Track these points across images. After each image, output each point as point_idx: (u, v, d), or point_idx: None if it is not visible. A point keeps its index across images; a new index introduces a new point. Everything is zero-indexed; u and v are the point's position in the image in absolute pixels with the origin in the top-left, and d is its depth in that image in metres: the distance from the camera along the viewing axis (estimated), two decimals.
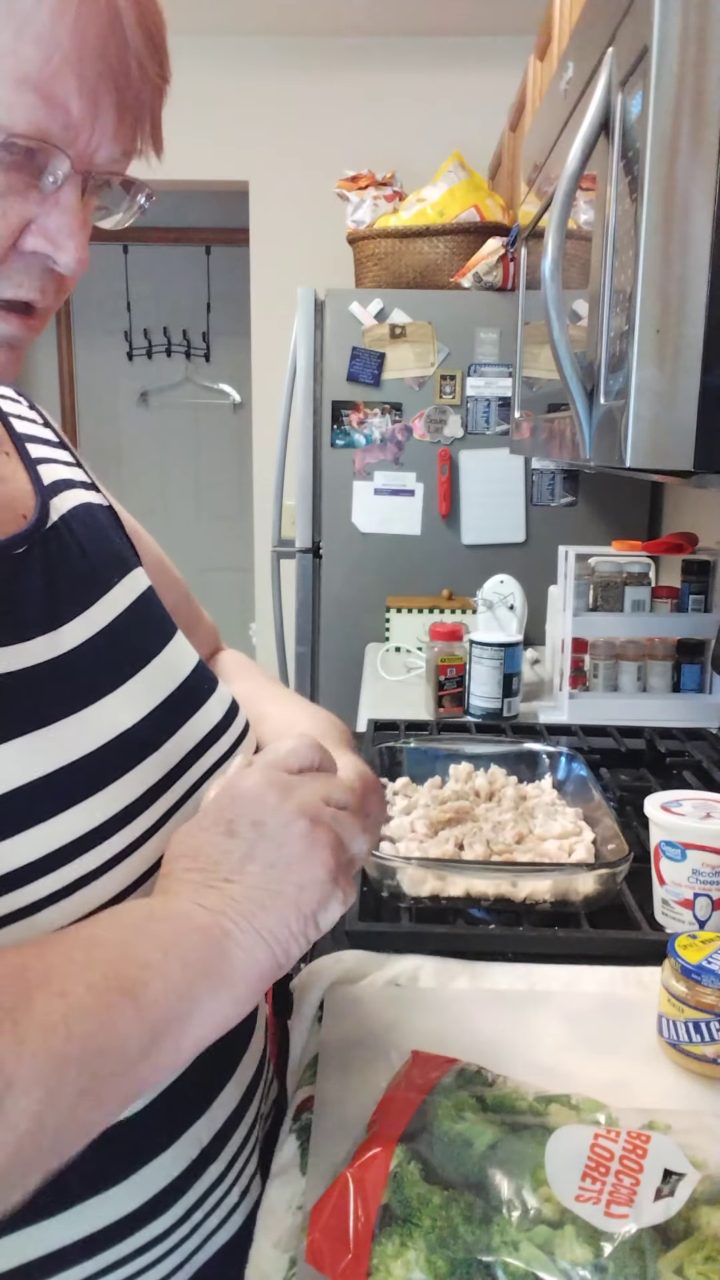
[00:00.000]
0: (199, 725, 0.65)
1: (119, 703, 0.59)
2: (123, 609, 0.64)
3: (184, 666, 0.67)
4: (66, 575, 0.60)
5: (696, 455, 0.77)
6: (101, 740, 0.56)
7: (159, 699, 0.62)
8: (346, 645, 2.45)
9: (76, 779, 0.54)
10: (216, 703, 0.68)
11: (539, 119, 1.33)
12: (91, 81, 0.46)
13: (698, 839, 0.90)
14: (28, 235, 0.48)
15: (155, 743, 0.60)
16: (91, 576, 0.63)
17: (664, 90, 0.73)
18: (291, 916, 0.51)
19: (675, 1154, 0.57)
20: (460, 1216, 0.54)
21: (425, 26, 3.03)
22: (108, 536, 0.68)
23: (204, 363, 4.24)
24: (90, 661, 0.58)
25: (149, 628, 0.66)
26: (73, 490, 0.67)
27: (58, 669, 0.56)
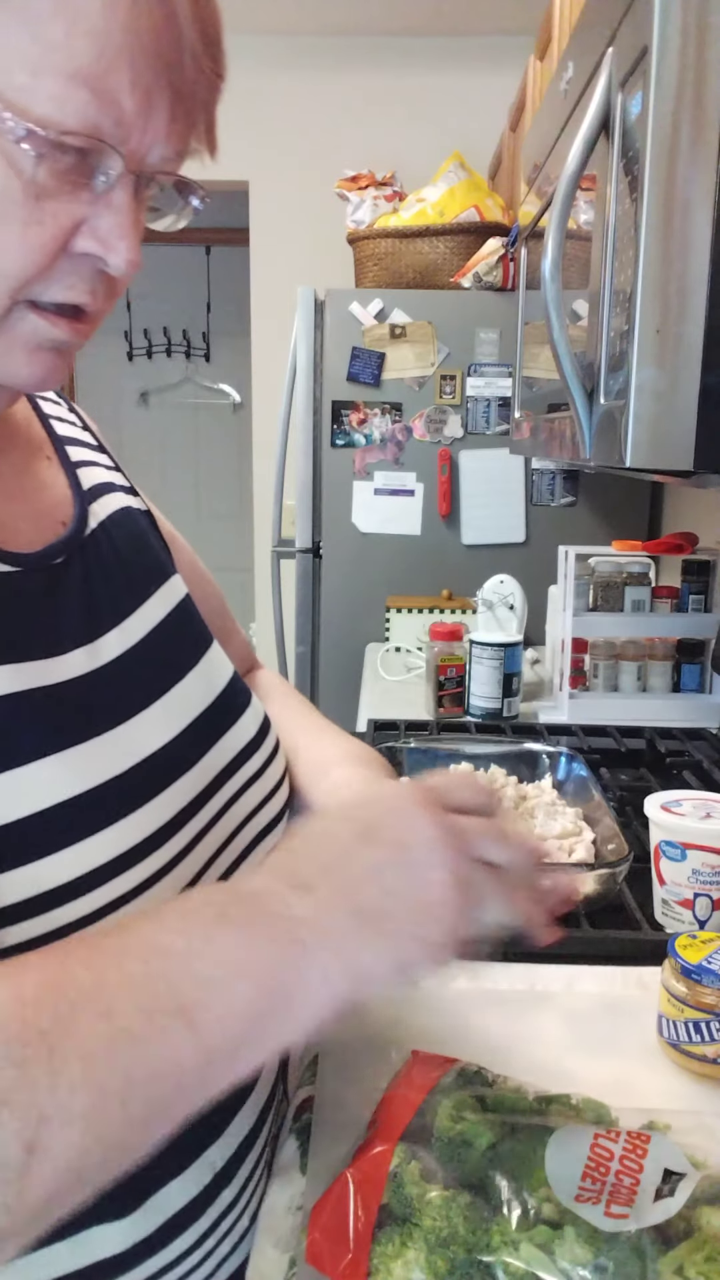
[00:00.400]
0: (232, 743, 0.63)
1: (154, 719, 0.57)
2: (159, 620, 0.62)
3: (219, 679, 0.65)
4: (104, 585, 0.59)
5: (696, 455, 0.77)
6: (136, 758, 0.54)
7: (193, 715, 0.61)
8: (346, 645, 2.45)
9: (111, 799, 0.51)
10: (250, 718, 0.66)
11: (539, 119, 1.33)
12: (146, 77, 0.45)
13: (698, 839, 0.90)
14: (79, 237, 0.47)
15: (188, 761, 0.58)
16: (129, 586, 0.61)
17: (664, 90, 0.73)
18: (385, 959, 0.46)
19: (675, 1154, 0.57)
20: (460, 1216, 0.54)
21: (425, 26, 3.03)
22: (146, 542, 0.67)
23: (204, 363, 4.24)
24: (126, 675, 0.57)
25: (185, 639, 0.65)
26: (112, 494, 0.66)
27: (94, 683, 0.54)
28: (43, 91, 0.42)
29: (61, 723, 0.51)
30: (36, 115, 0.43)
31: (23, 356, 0.50)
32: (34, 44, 0.42)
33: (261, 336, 3.28)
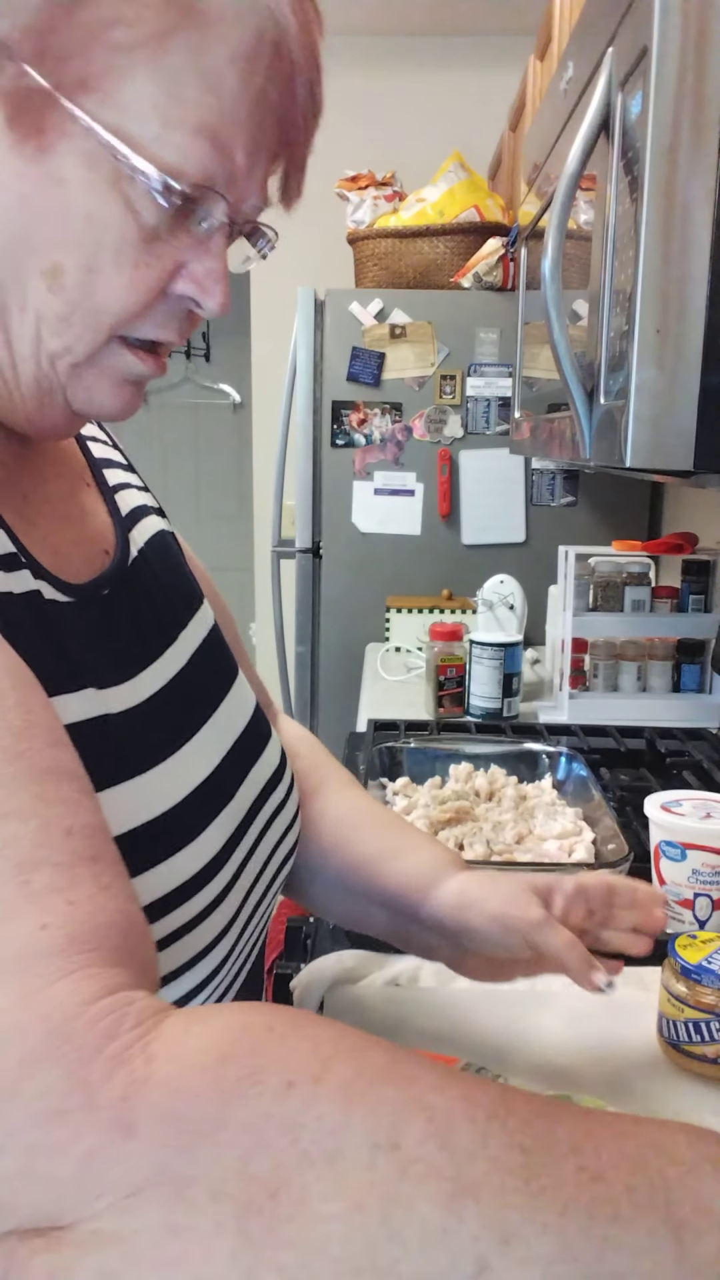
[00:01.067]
0: (261, 772, 0.64)
1: (199, 749, 0.57)
2: (194, 650, 0.62)
3: (246, 709, 0.66)
4: (147, 617, 0.59)
5: (696, 455, 0.77)
6: (189, 789, 0.54)
7: (228, 745, 0.61)
8: (346, 645, 2.45)
9: (169, 830, 0.51)
10: (273, 748, 0.67)
11: (539, 119, 1.33)
12: (259, 136, 0.48)
13: (698, 839, 0.90)
14: (177, 279, 0.50)
15: (229, 792, 0.59)
16: (169, 616, 0.62)
17: (664, 90, 0.73)
18: None
19: None
20: None
21: (425, 26, 3.03)
22: (180, 568, 0.67)
23: (204, 363, 4.24)
24: (171, 706, 0.57)
25: (216, 669, 0.65)
26: (147, 518, 0.66)
27: (145, 714, 0.54)
28: (171, 142, 0.45)
29: (124, 753, 0.51)
30: (165, 164, 0.45)
31: (110, 389, 0.52)
32: (168, 98, 0.44)
33: (261, 336, 3.28)
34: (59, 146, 0.44)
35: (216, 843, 0.55)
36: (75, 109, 0.43)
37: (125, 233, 0.46)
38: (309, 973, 0.86)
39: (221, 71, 0.45)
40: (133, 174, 0.45)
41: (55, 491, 0.58)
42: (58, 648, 0.50)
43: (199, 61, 0.44)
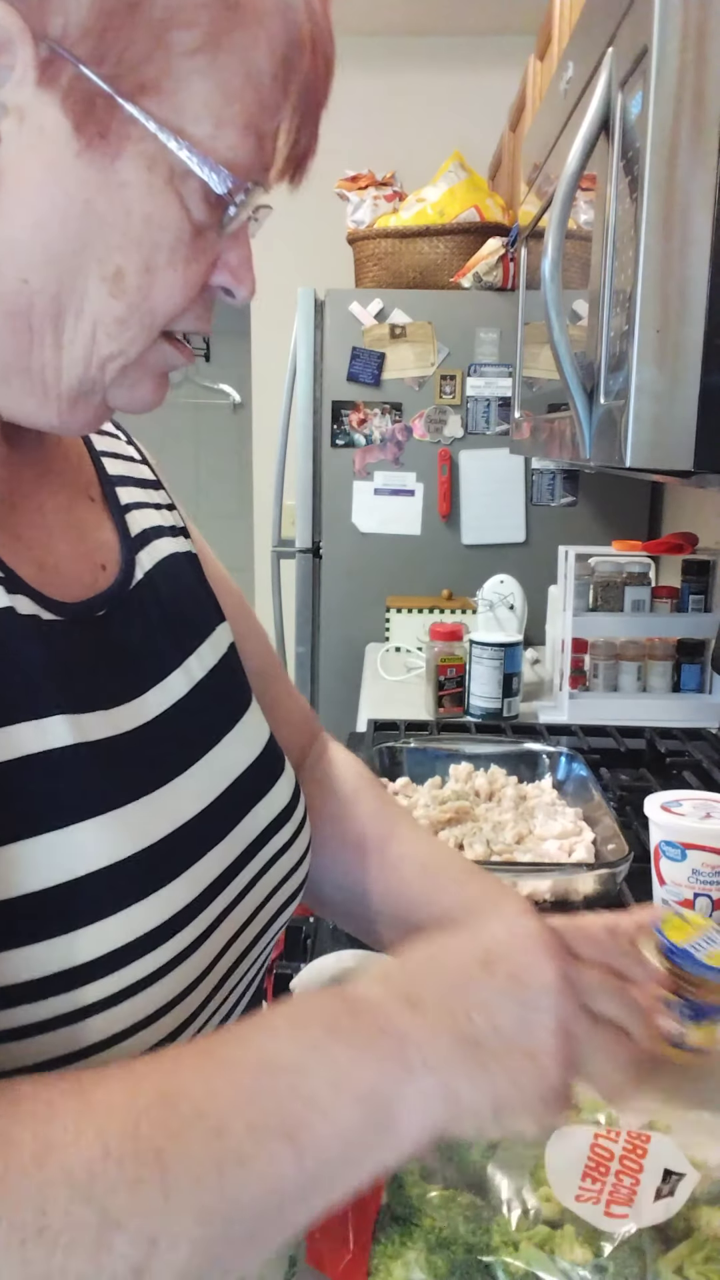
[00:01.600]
0: (262, 814, 0.60)
1: (191, 783, 0.55)
2: (201, 677, 0.60)
3: (257, 743, 0.63)
4: (147, 641, 0.57)
5: (696, 455, 0.77)
6: (173, 825, 0.52)
7: (229, 780, 0.58)
8: (346, 645, 2.45)
9: (147, 868, 0.49)
10: (284, 785, 0.64)
11: (539, 119, 1.33)
12: (294, 123, 0.49)
13: (698, 839, 0.90)
14: (216, 271, 0.50)
15: (222, 830, 0.56)
16: (174, 642, 0.59)
17: (664, 90, 0.73)
18: (483, 1097, 0.44)
19: (675, 1154, 0.57)
20: (460, 1216, 0.54)
21: (425, 26, 3.03)
22: (193, 593, 0.64)
23: (204, 363, 4.24)
24: (167, 736, 0.55)
25: (226, 698, 0.62)
26: (161, 539, 0.64)
27: (136, 743, 0.52)
28: (224, 140, 0.46)
29: (104, 783, 0.49)
30: (219, 161, 0.45)
31: (151, 384, 0.52)
32: (222, 97, 0.45)
33: (261, 336, 3.28)
34: (124, 150, 0.44)
35: (201, 883, 0.52)
36: (137, 112, 0.43)
37: (180, 232, 0.47)
38: (309, 973, 0.86)
39: (263, 68, 0.46)
40: (187, 174, 0.45)
41: (51, 503, 0.56)
42: (24, 669, 0.47)
43: (246, 59, 0.45)
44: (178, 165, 0.45)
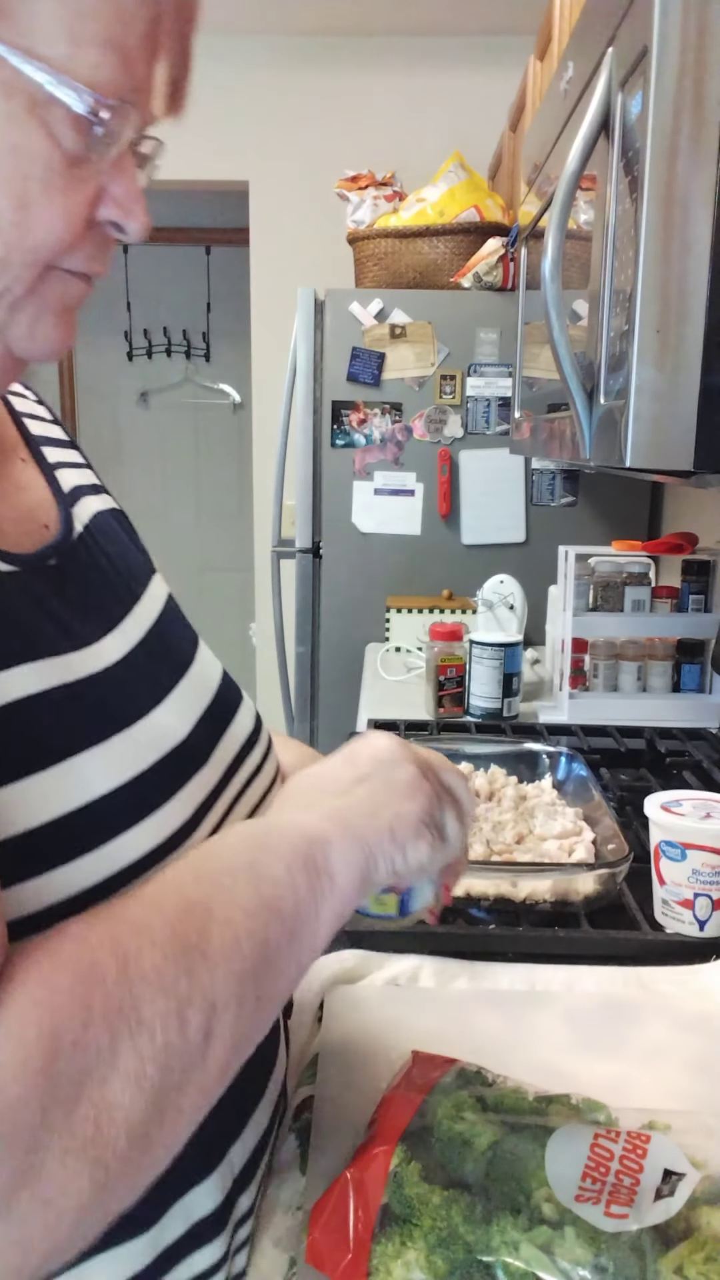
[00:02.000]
0: (235, 735, 0.64)
1: (169, 713, 0.58)
2: (153, 620, 0.63)
3: (214, 675, 0.66)
4: (98, 588, 0.59)
5: (696, 455, 0.77)
6: (162, 752, 0.55)
7: (201, 709, 0.61)
8: (346, 645, 2.45)
9: (143, 793, 0.52)
10: (246, 712, 0.68)
11: (539, 119, 1.33)
12: (156, 42, 0.46)
13: (698, 839, 0.90)
14: (100, 204, 0.48)
15: (204, 754, 0.60)
16: (122, 587, 0.61)
17: (664, 90, 0.73)
18: (385, 837, 0.56)
19: (675, 1154, 0.57)
20: (460, 1216, 0.54)
21: (425, 26, 3.03)
22: (126, 544, 0.67)
23: (204, 363, 4.24)
24: (135, 674, 0.57)
25: (178, 637, 0.65)
26: (88, 497, 0.66)
27: (108, 681, 0.54)
28: (83, 60, 0.43)
29: (86, 720, 0.51)
30: (80, 83, 0.43)
31: (53, 321, 0.50)
32: (73, 14, 0.42)
33: (261, 336, 3.28)
34: None
35: (189, 808, 0.56)
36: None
37: (50, 161, 0.44)
38: (309, 973, 0.86)
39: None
40: (50, 99, 0.43)
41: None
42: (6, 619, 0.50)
43: None
44: (37, 92, 0.43)
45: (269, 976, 0.49)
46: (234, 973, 0.46)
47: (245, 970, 0.47)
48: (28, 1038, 0.39)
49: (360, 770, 0.60)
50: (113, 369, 4.23)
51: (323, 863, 0.53)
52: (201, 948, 0.46)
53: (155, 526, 4.34)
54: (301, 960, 0.52)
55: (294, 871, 0.52)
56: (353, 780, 0.59)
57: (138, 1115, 0.41)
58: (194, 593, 4.39)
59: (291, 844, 0.53)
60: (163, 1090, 0.42)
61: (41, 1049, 0.39)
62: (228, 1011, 0.46)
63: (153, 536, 3.76)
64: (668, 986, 0.85)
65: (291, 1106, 0.72)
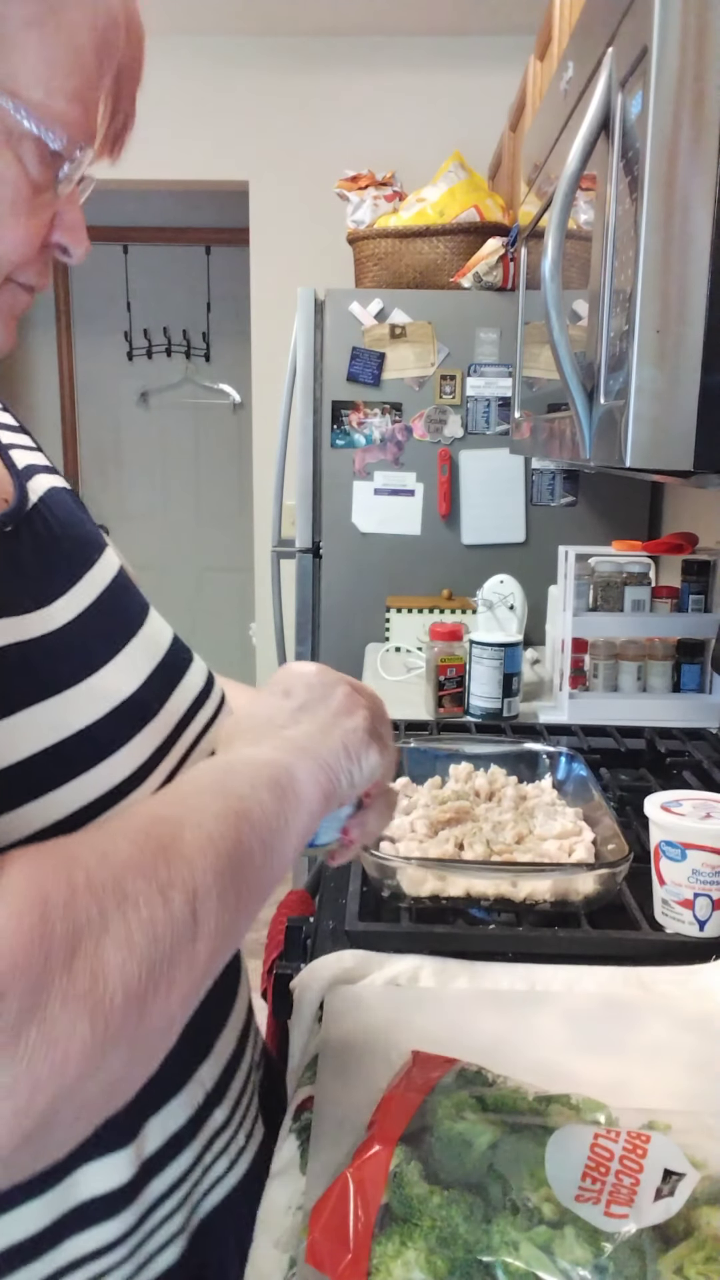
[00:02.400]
0: (186, 692, 0.69)
1: (119, 669, 0.62)
2: (104, 586, 0.67)
3: (165, 637, 0.71)
4: (52, 554, 0.63)
5: (696, 455, 0.77)
6: (111, 705, 0.60)
7: (151, 667, 0.66)
8: (346, 645, 2.45)
9: (93, 742, 0.57)
10: (196, 671, 0.72)
11: (539, 119, 1.33)
12: (114, 97, 0.55)
13: (698, 839, 0.90)
14: (54, 229, 0.56)
15: (153, 709, 0.64)
16: (74, 554, 0.66)
17: (664, 90, 0.73)
18: (340, 752, 0.61)
19: (675, 1154, 0.57)
20: (460, 1216, 0.54)
21: (425, 26, 3.03)
22: (79, 518, 0.71)
23: (204, 363, 4.24)
24: (84, 635, 0.62)
25: (129, 602, 0.69)
26: (42, 474, 0.70)
27: (55, 643, 0.59)
28: (55, 106, 0.51)
29: (41, 674, 0.56)
30: (52, 125, 0.51)
31: (3, 326, 0.57)
32: (49, 68, 0.51)
33: (261, 336, 3.28)
34: None
35: (138, 756, 0.60)
36: None
37: (19, 187, 0.52)
38: (309, 973, 0.86)
39: (85, 44, 0.52)
40: (23, 135, 0.51)
41: None
42: None
43: (71, 36, 0.51)
44: (14, 126, 0.50)
45: (246, 873, 0.52)
46: (210, 867, 0.50)
47: (221, 866, 0.50)
48: (21, 902, 0.42)
49: (298, 699, 0.65)
50: (113, 369, 4.23)
51: (287, 782, 0.57)
52: (176, 846, 0.49)
53: (155, 526, 4.35)
54: (274, 868, 0.55)
55: (259, 788, 0.56)
56: (294, 710, 0.64)
57: (132, 977, 0.44)
58: (194, 593, 4.40)
59: (254, 769, 0.57)
60: (153, 960, 0.45)
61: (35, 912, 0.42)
62: (210, 899, 0.49)
63: (153, 536, 3.77)
64: (668, 986, 0.85)
65: (291, 1106, 0.72)
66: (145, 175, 3.16)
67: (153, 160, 3.17)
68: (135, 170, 3.16)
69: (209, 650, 4.57)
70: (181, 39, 3.08)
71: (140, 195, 3.88)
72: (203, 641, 4.38)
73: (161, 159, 3.18)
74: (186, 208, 4.03)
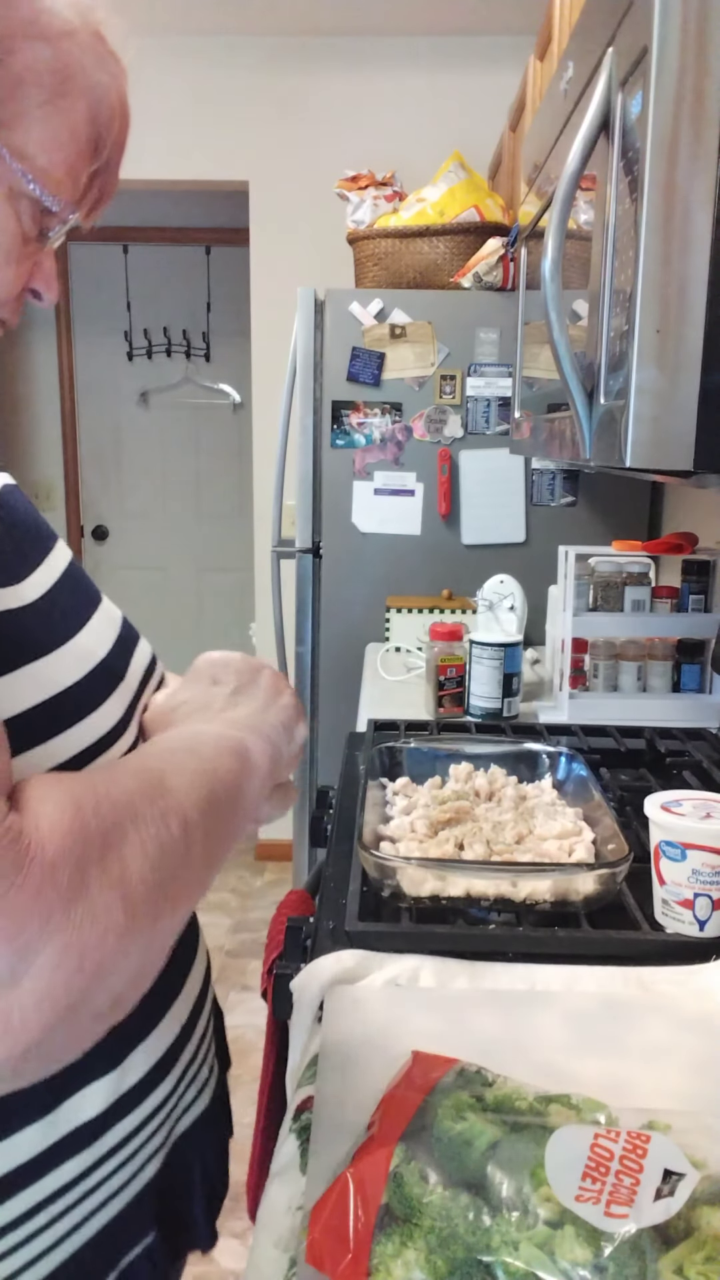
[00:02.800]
0: (140, 660, 0.77)
1: (89, 637, 0.70)
2: (63, 569, 0.73)
3: (117, 614, 0.78)
4: (16, 538, 0.69)
5: (696, 455, 0.77)
6: (86, 669, 0.67)
7: (113, 637, 0.74)
8: (346, 645, 2.45)
9: (70, 703, 0.64)
10: (144, 644, 0.80)
11: (539, 119, 1.33)
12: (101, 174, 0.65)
13: (698, 839, 0.90)
14: (34, 276, 0.65)
15: (121, 671, 0.72)
16: (33, 542, 0.72)
17: (664, 90, 0.73)
18: (279, 728, 0.71)
19: (675, 1154, 0.57)
20: (460, 1216, 0.54)
21: (425, 26, 3.03)
22: (31, 512, 0.76)
23: (204, 363, 4.24)
24: (56, 606, 0.69)
25: (86, 584, 0.76)
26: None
27: (35, 612, 0.65)
28: (54, 174, 0.61)
29: (31, 637, 0.63)
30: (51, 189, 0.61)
31: None
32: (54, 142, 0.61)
33: (261, 336, 3.28)
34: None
35: (115, 713, 0.68)
36: None
37: (14, 238, 0.61)
38: (309, 973, 0.86)
39: (82, 126, 0.62)
40: (21, 194, 0.60)
41: None
42: None
43: (72, 118, 0.61)
44: (18, 186, 0.60)
45: (219, 818, 0.60)
46: (194, 802, 0.58)
47: (204, 807, 0.59)
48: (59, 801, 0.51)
49: (229, 685, 0.74)
50: (113, 369, 4.23)
51: (243, 751, 0.66)
52: (167, 784, 0.58)
53: (155, 526, 4.35)
54: (237, 825, 0.63)
55: (222, 754, 0.65)
56: (229, 694, 0.73)
57: (149, 879, 0.52)
58: (194, 593, 4.39)
59: (215, 740, 0.66)
60: (161, 870, 0.53)
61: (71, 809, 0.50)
62: (198, 829, 0.57)
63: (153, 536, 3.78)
64: (668, 986, 0.85)
65: (292, 1106, 0.72)
66: (145, 175, 3.16)
67: (153, 160, 3.17)
68: (135, 170, 3.16)
69: (209, 650, 4.56)
70: (182, 39, 3.08)
71: (140, 195, 3.88)
72: (203, 641, 4.38)
73: (161, 159, 3.18)
74: (186, 208, 4.03)
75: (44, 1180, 0.60)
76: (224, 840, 0.61)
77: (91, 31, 0.63)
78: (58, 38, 0.60)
